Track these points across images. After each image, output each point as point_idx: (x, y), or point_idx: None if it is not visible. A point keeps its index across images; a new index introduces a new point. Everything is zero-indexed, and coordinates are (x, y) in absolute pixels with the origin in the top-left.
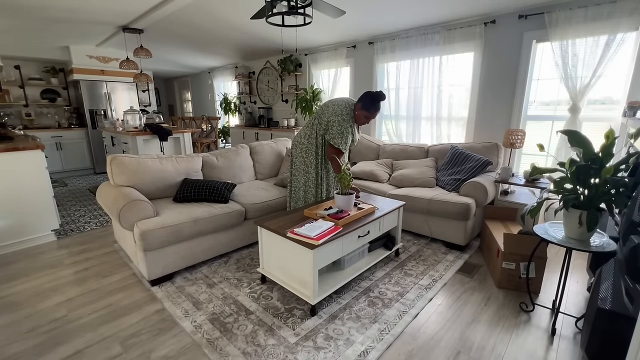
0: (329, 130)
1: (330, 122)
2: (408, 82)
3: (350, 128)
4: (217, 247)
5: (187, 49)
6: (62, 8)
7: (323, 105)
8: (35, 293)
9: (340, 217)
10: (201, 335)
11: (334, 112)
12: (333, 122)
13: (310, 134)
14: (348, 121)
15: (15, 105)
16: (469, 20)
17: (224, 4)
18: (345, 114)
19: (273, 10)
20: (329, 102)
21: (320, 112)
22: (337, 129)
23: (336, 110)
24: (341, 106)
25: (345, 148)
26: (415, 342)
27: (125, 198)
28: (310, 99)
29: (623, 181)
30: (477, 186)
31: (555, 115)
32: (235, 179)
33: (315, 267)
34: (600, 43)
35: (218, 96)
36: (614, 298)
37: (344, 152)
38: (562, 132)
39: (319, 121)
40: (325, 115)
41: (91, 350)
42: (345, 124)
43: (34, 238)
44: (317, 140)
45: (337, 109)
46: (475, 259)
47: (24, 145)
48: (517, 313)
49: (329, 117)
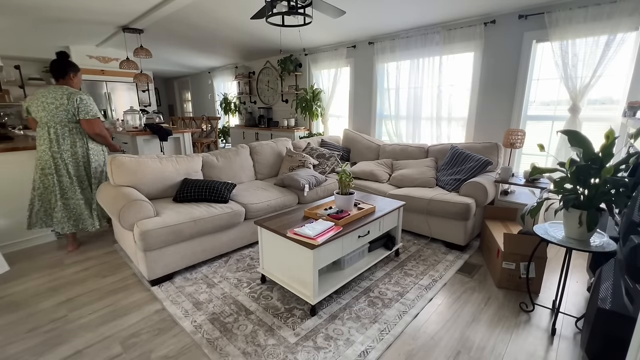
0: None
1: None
2: (408, 82)
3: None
4: (217, 247)
5: (187, 49)
6: (62, 8)
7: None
8: (35, 293)
9: (340, 217)
10: (201, 335)
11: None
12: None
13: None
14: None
15: (15, 105)
16: (469, 20)
17: (224, 4)
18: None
19: (273, 10)
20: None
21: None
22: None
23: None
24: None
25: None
26: (415, 342)
27: (125, 198)
28: (310, 99)
29: (623, 181)
30: (477, 186)
31: (555, 115)
32: (235, 179)
33: (315, 267)
34: (600, 43)
35: (218, 96)
36: (614, 298)
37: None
38: (562, 132)
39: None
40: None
41: (91, 350)
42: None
43: (34, 238)
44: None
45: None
46: (475, 259)
47: (24, 145)
48: (517, 313)
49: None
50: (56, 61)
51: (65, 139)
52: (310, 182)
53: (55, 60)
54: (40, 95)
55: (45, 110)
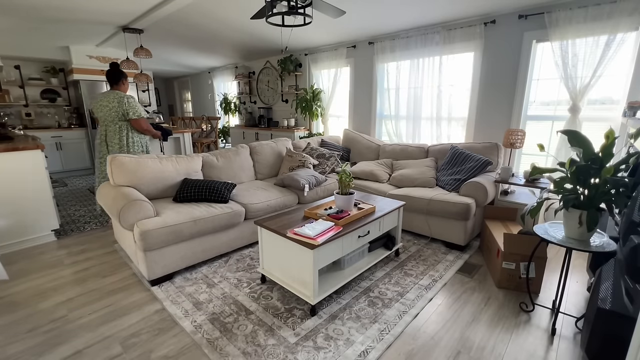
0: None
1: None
2: (408, 82)
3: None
4: (217, 247)
5: (187, 49)
6: (62, 8)
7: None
8: (35, 293)
9: (340, 217)
10: (201, 335)
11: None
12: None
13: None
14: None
15: (15, 105)
16: (469, 20)
17: (224, 4)
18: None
19: (273, 10)
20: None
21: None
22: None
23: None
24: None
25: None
26: (415, 342)
27: (125, 198)
28: (310, 99)
29: (623, 181)
30: (477, 186)
31: (555, 115)
32: (235, 179)
33: (315, 267)
34: (600, 43)
35: (218, 96)
36: (614, 298)
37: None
38: (562, 132)
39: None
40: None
41: (91, 350)
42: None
43: (34, 238)
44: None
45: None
46: (475, 259)
47: (24, 145)
48: (517, 313)
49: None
50: (110, 71)
51: (115, 133)
52: (310, 182)
53: (109, 70)
54: (98, 99)
55: (102, 112)
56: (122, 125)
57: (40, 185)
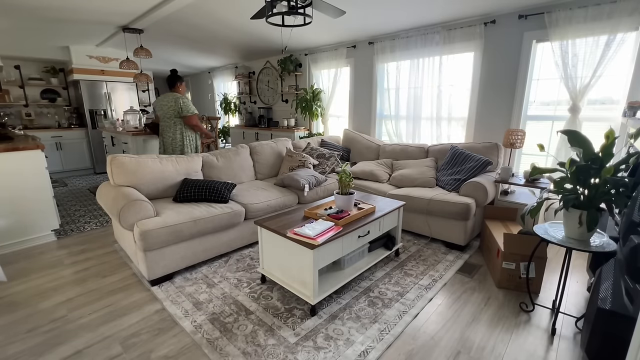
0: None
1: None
2: (408, 82)
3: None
4: (217, 247)
5: (187, 49)
6: (62, 8)
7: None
8: (35, 293)
9: (340, 217)
10: (201, 335)
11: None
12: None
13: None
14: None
15: (15, 105)
16: (469, 20)
17: (224, 4)
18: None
19: (273, 10)
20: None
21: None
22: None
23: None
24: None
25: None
26: (415, 342)
27: (125, 198)
28: (310, 99)
29: (623, 181)
30: (477, 186)
31: (555, 115)
32: (235, 179)
33: (315, 267)
34: (600, 43)
35: (218, 96)
36: (614, 298)
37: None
38: (562, 132)
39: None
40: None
41: (91, 350)
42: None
43: (34, 238)
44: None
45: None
46: (475, 259)
47: (24, 145)
48: (517, 313)
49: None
50: (170, 76)
51: (169, 128)
52: (310, 182)
53: (169, 75)
54: (159, 99)
55: (161, 110)
56: (176, 121)
57: (41, 185)
